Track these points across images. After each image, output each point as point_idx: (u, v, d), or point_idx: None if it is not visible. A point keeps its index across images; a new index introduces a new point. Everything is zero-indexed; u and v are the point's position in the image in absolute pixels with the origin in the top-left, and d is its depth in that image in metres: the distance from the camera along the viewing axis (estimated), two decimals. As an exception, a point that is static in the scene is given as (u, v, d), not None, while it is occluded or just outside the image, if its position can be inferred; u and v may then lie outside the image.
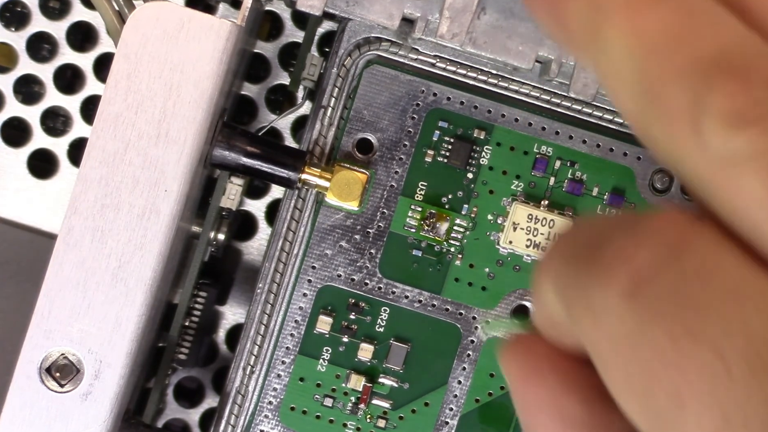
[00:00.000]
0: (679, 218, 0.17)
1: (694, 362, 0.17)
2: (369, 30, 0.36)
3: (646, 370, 0.17)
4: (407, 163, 0.36)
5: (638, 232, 0.18)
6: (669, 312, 0.17)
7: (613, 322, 0.18)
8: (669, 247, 0.17)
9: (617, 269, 0.18)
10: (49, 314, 0.32)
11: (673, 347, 0.17)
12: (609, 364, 0.18)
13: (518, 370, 0.20)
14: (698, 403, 0.17)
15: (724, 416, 0.16)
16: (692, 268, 0.17)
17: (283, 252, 0.36)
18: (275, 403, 0.36)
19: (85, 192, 0.32)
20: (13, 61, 0.41)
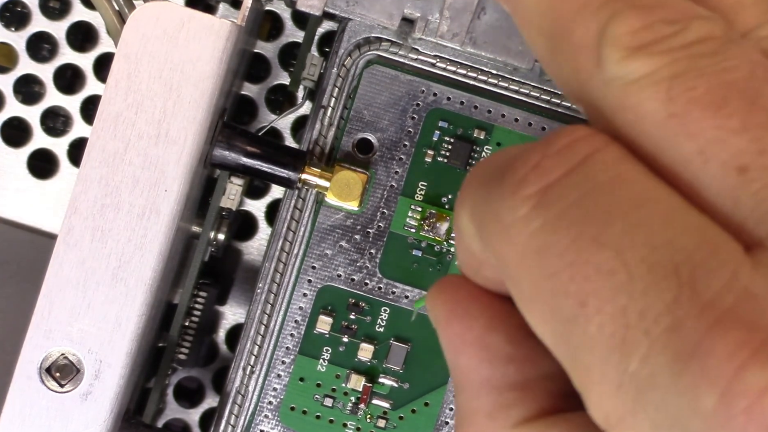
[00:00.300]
0: (588, 132, 0.18)
1: (598, 267, 0.17)
2: (369, 30, 0.36)
3: (552, 277, 0.18)
4: (407, 163, 0.36)
5: (548, 145, 0.18)
6: (575, 220, 0.17)
7: (521, 233, 0.18)
8: (577, 158, 0.18)
9: (525, 179, 0.18)
10: (49, 314, 0.32)
11: (577, 253, 0.17)
12: (518, 278, 0.18)
13: (444, 309, 0.20)
14: (600, 305, 0.17)
15: (624, 316, 0.17)
16: (600, 178, 0.18)
17: (283, 252, 0.36)
18: (275, 403, 0.36)
19: (85, 192, 0.32)
20: (13, 61, 0.41)
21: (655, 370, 0.17)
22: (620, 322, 0.17)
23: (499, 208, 0.18)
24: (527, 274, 0.18)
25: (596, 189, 0.18)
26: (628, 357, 0.17)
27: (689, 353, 0.16)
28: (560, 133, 0.18)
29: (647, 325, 0.17)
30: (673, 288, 0.17)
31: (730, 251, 0.17)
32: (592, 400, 0.18)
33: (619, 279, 0.17)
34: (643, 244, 0.17)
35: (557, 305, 0.18)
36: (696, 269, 0.17)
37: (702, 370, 0.16)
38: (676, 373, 0.16)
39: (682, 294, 0.17)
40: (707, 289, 0.17)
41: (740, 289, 0.17)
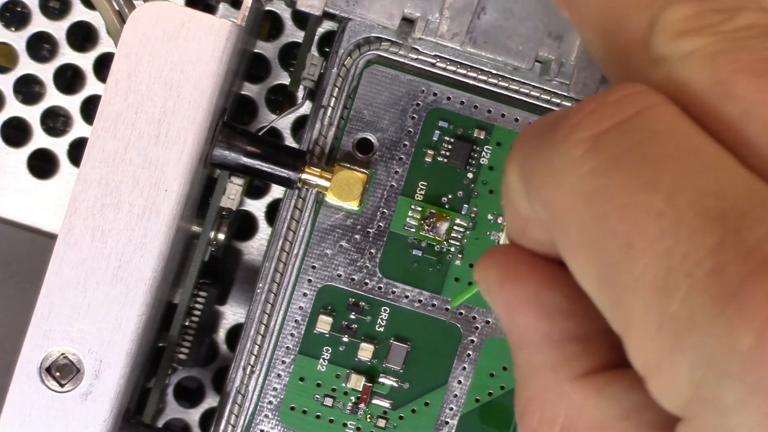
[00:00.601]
0: (646, 89, 0.19)
1: (648, 209, 0.18)
2: (369, 30, 0.36)
3: (601, 219, 0.18)
4: (407, 163, 0.36)
5: (605, 95, 0.19)
6: (628, 164, 0.18)
7: (573, 175, 0.19)
8: (634, 108, 0.19)
9: (580, 124, 0.19)
10: (49, 314, 0.32)
11: (628, 195, 0.18)
12: (566, 223, 0.19)
13: (496, 274, 0.21)
14: (647, 247, 0.18)
15: (668, 258, 0.17)
16: (655, 127, 0.18)
17: (283, 252, 0.36)
18: (275, 403, 0.36)
19: (85, 192, 0.32)
20: (13, 61, 0.41)
21: (694, 311, 0.17)
22: (664, 264, 0.17)
23: (552, 153, 0.19)
24: (576, 217, 0.19)
25: (651, 136, 0.18)
26: (669, 298, 0.17)
27: (729, 296, 0.17)
28: (618, 86, 0.19)
29: (690, 267, 0.17)
30: (719, 233, 0.17)
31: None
32: (632, 344, 0.18)
33: (667, 221, 0.17)
34: (694, 189, 0.18)
35: (604, 247, 0.18)
36: (742, 217, 0.17)
37: (740, 312, 0.17)
38: (715, 314, 0.17)
39: (727, 239, 0.17)
40: (751, 235, 0.17)
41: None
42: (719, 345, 0.17)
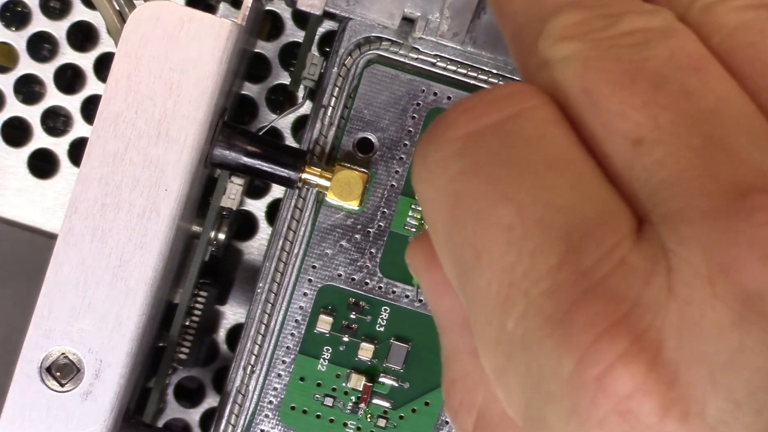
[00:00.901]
0: (529, 89, 0.19)
1: (498, 221, 0.18)
2: (369, 29, 0.36)
3: (458, 225, 0.18)
4: (408, 163, 0.36)
5: (485, 93, 0.19)
6: (491, 170, 0.18)
7: (441, 175, 0.19)
8: (510, 110, 0.19)
9: (455, 122, 0.19)
10: (49, 314, 0.32)
11: (484, 204, 0.18)
12: (433, 221, 0.19)
13: (423, 258, 0.21)
14: (492, 260, 0.18)
15: (510, 274, 0.17)
16: (524, 133, 0.18)
17: (283, 251, 0.36)
18: (275, 403, 0.36)
19: (85, 192, 0.32)
20: (14, 60, 0.41)
21: (527, 332, 0.17)
22: (506, 280, 0.17)
23: (427, 149, 0.19)
24: (439, 217, 0.19)
25: (518, 143, 0.18)
26: (506, 315, 0.17)
27: (558, 319, 0.17)
28: (502, 84, 0.19)
29: (528, 285, 0.17)
30: (560, 252, 0.17)
31: (620, 223, 0.17)
32: (479, 352, 0.18)
33: (514, 235, 0.17)
34: (545, 204, 0.17)
35: (459, 253, 0.18)
36: (585, 236, 0.17)
37: (565, 337, 0.17)
38: (544, 336, 0.17)
39: (566, 260, 0.17)
40: (588, 257, 0.17)
41: (617, 260, 0.17)
42: (545, 367, 0.17)
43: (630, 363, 0.16)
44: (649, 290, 0.17)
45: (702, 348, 0.16)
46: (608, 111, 0.18)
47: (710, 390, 0.16)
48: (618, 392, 0.16)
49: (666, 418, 0.16)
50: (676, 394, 0.16)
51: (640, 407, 0.16)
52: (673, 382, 0.16)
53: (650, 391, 0.16)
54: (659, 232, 0.17)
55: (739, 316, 0.16)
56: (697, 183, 0.17)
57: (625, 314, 0.17)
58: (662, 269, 0.17)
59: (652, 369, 0.16)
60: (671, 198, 0.17)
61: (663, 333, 0.16)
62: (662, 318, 0.16)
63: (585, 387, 0.16)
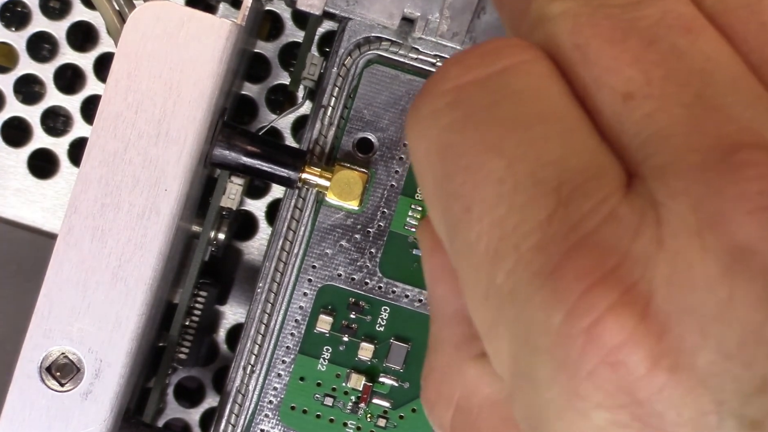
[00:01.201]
0: (523, 44, 0.19)
1: (489, 174, 0.18)
2: (369, 29, 0.36)
3: (448, 177, 0.18)
4: (407, 163, 0.36)
5: (478, 46, 0.19)
6: (481, 123, 0.18)
7: (431, 128, 0.18)
8: (502, 63, 0.18)
9: (446, 74, 0.19)
10: (49, 314, 0.32)
11: (474, 157, 0.18)
12: (422, 175, 0.19)
13: (428, 241, 0.21)
14: (482, 213, 0.18)
15: (500, 227, 0.17)
16: (515, 86, 0.18)
17: (283, 251, 0.36)
18: (275, 403, 0.36)
19: (85, 191, 0.32)
20: (14, 61, 0.41)
21: (516, 285, 0.17)
22: (496, 233, 0.17)
23: (419, 102, 0.19)
24: (430, 170, 0.19)
25: (509, 96, 0.18)
26: (496, 269, 0.17)
27: (548, 272, 0.17)
28: (493, 38, 0.19)
29: (518, 239, 0.17)
30: (550, 206, 0.17)
31: (610, 176, 0.17)
32: (468, 308, 0.18)
33: (504, 189, 0.17)
34: (536, 158, 0.18)
35: (449, 207, 0.18)
36: (574, 190, 0.17)
37: (554, 290, 0.17)
38: (533, 289, 0.17)
39: (556, 213, 0.17)
40: (577, 210, 0.17)
41: (606, 212, 0.17)
42: (534, 320, 0.17)
43: (619, 314, 0.16)
44: (639, 243, 0.17)
45: (691, 300, 0.16)
46: (599, 66, 0.18)
47: (700, 342, 0.16)
48: (607, 343, 0.16)
49: (655, 370, 0.16)
50: (665, 345, 0.16)
51: (629, 358, 0.16)
52: (662, 334, 0.16)
53: (640, 343, 0.16)
54: (649, 186, 0.17)
55: (727, 269, 0.16)
56: (687, 138, 0.17)
57: (614, 266, 0.17)
58: (651, 222, 0.17)
59: (642, 320, 0.16)
60: (661, 151, 0.17)
61: (653, 285, 0.16)
62: (652, 270, 0.17)
63: (574, 339, 0.16)
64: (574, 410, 0.17)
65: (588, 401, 0.16)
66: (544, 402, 0.17)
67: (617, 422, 0.16)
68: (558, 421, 0.17)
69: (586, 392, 0.16)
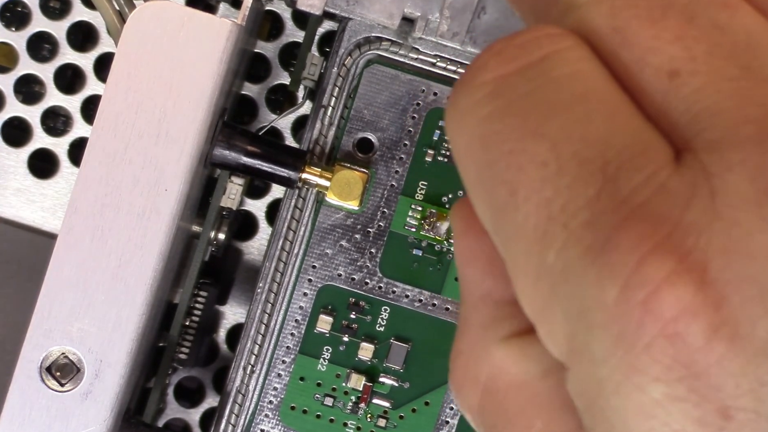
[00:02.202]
0: (559, 31, 0.19)
1: (533, 157, 0.18)
2: (369, 29, 0.36)
3: (491, 164, 0.18)
4: (407, 163, 0.36)
5: (515, 36, 0.19)
6: (522, 110, 0.18)
7: (471, 118, 0.19)
8: (540, 52, 0.18)
9: (485, 66, 0.19)
10: (49, 314, 0.32)
11: (516, 142, 0.18)
12: (465, 165, 0.19)
13: (461, 223, 0.21)
14: (528, 195, 0.18)
15: (548, 208, 0.17)
16: (555, 73, 0.18)
17: (283, 251, 0.36)
18: (275, 403, 0.36)
19: (85, 192, 0.32)
20: (14, 61, 0.41)
21: (568, 263, 0.17)
22: (544, 214, 0.17)
23: (458, 94, 0.19)
24: (472, 160, 0.19)
25: (549, 83, 0.18)
26: (546, 249, 0.17)
27: (599, 247, 0.17)
28: (530, 27, 0.19)
29: (567, 218, 0.17)
30: (597, 184, 0.17)
31: (658, 152, 0.17)
32: (518, 292, 0.18)
33: (549, 171, 0.17)
34: (579, 139, 0.18)
35: (493, 192, 0.18)
36: (622, 166, 0.17)
37: (607, 264, 0.17)
38: (585, 266, 0.17)
39: (604, 190, 0.17)
40: (627, 185, 0.17)
41: (656, 185, 0.17)
42: (588, 297, 0.17)
43: (676, 284, 0.16)
44: (692, 212, 0.17)
45: (750, 270, 0.16)
46: (641, 47, 0.18)
47: (759, 311, 0.16)
48: (665, 315, 0.16)
49: (714, 340, 0.16)
50: (723, 315, 0.16)
51: (687, 329, 0.16)
52: (720, 304, 0.16)
53: (698, 313, 0.16)
54: (701, 159, 0.17)
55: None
56: (739, 110, 0.17)
57: (667, 235, 0.16)
58: (705, 193, 0.17)
59: (699, 290, 0.16)
60: (713, 126, 0.17)
61: (708, 254, 0.16)
62: (707, 239, 0.16)
63: (631, 312, 0.16)
64: (631, 384, 0.16)
65: (645, 375, 0.16)
66: (601, 377, 0.17)
67: (674, 396, 0.16)
68: (614, 396, 0.17)
69: (643, 365, 0.16)
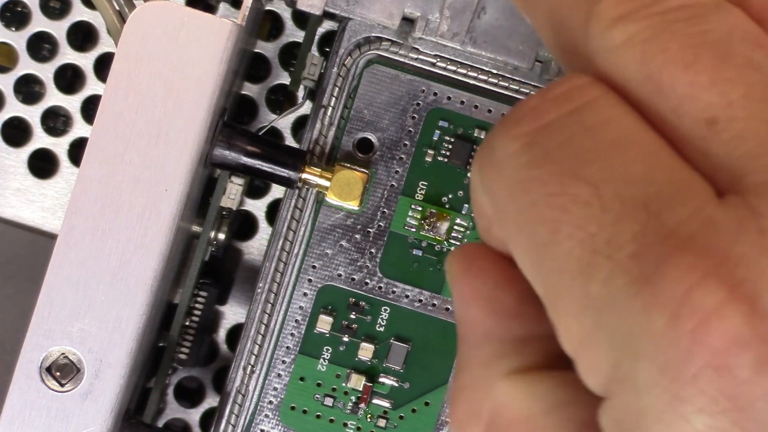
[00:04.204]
0: (588, 81, 0.19)
1: (574, 198, 0.18)
2: (369, 29, 0.36)
3: (532, 206, 0.18)
4: (407, 163, 0.36)
5: (548, 91, 0.19)
6: (560, 156, 0.18)
7: (510, 166, 0.19)
8: (573, 104, 0.19)
9: (521, 120, 0.19)
10: (49, 314, 0.32)
11: (557, 185, 0.18)
12: (504, 210, 0.19)
13: (459, 266, 0.21)
14: (572, 232, 0.18)
15: (592, 242, 0.17)
16: (590, 121, 0.18)
17: (283, 251, 0.36)
18: (275, 403, 0.36)
19: (85, 192, 0.32)
20: (14, 60, 0.41)
21: (614, 293, 0.17)
22: (588, 248, 0.17)
23: (495, 146, 0.19)
24: (511, 204, 0.19)
25: (583, 131, 0.18)
26: (591, 280, 0.17)
27: (647, 277, 0.17)
28: (562, 79, 0.19)
29: (612, 251, 0.17)
30: (642, 218, 0.17)
31: (700, 188, 0.18)
32: (559, 325, 0.18)
33: (592, 210, 0.18)
34: (620, 180, 0.18)
35: (534, 232, 0.18)
36: (666, 201, 0.17)
37: (655, 293, 0.17)
38: (632, 295, 0.17)
39: (649, 224, 0.17)
40: (672, 218, 0.17)
41: (703, 218, 0.17)
42: (635, 326, 0.17)
43: (726, 315, 0.16)
44: (741, 246, 0.17)
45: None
46: (676, 94, 0.18)
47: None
48: (713, 345, 0.16)
49: (762, 374, 0.16)
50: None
51: (736, 361, 0.16)
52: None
53: (747, 345, 0.16)
54: (747, 199, 0.17)
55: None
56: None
57: (717, 265, 0.16)
58: (753, 229, 0.17)
59: (749, 321, 0.16)
60: (757, 169, 0.17)
61: (759, 286, 0.16)
62: (756, 272, 0.16)
63: (679, 341, 0.16)
64: (675, 413, 0.16)
65: (690, 405, 0.16)
66: (643, 406, 0.17)
67: (717, 428, 0.16)
68: (656, 424, 0.17)
69: (688, 396, 0.16)
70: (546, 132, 0.19)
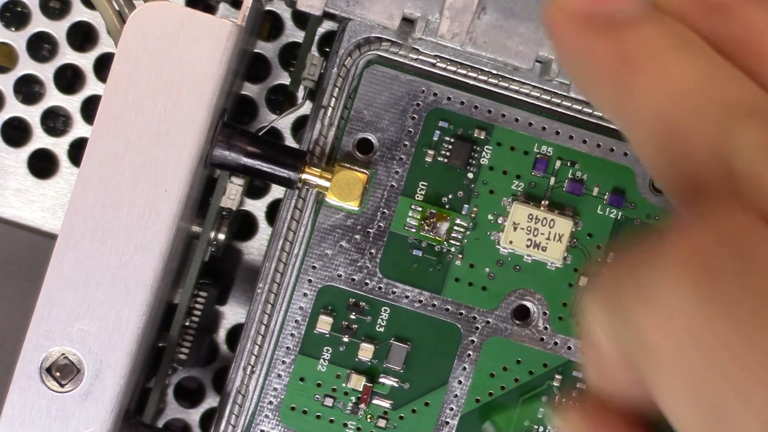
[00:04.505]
0: (749, 221, 0.17)
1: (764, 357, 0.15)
2: (369, 30, 0.36)
3: (710, 362, 0.16)
4: (407, 163, 0.36)
5: (704, 223, 0.17)
6: (738, 299, 0.16)
7: (676, 309, 0.16)
8: (734, 234, 0.17)
9: (678, 246, 0.17)
10: (49, 314, 0.32)
11: (743, 341, 0.16)
12: (665, 358, 0.17)
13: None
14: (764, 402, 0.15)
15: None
16: (759, 257, 0.16)
17: (283, 252, 0.36)
18: (275, 403, 0.36)
19: (85, 192, 0.32)
20: (14, 61, 0.41)
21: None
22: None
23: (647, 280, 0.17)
24: (678, 352, 0.16)
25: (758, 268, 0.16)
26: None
27: None
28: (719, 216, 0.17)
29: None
30: None
31: None
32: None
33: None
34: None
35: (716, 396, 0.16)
36: None
37: None
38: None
39: None
40: None
41: None
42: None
43: None
44: None
45: None
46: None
47: None
48: None
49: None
50: None
51: None
52: None
53: None
54: None
55: None
56: None
57: None
58: None
59: None
60: None
61: None
62: None
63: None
64: None
65: None
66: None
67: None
68: None
69: None
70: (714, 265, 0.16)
